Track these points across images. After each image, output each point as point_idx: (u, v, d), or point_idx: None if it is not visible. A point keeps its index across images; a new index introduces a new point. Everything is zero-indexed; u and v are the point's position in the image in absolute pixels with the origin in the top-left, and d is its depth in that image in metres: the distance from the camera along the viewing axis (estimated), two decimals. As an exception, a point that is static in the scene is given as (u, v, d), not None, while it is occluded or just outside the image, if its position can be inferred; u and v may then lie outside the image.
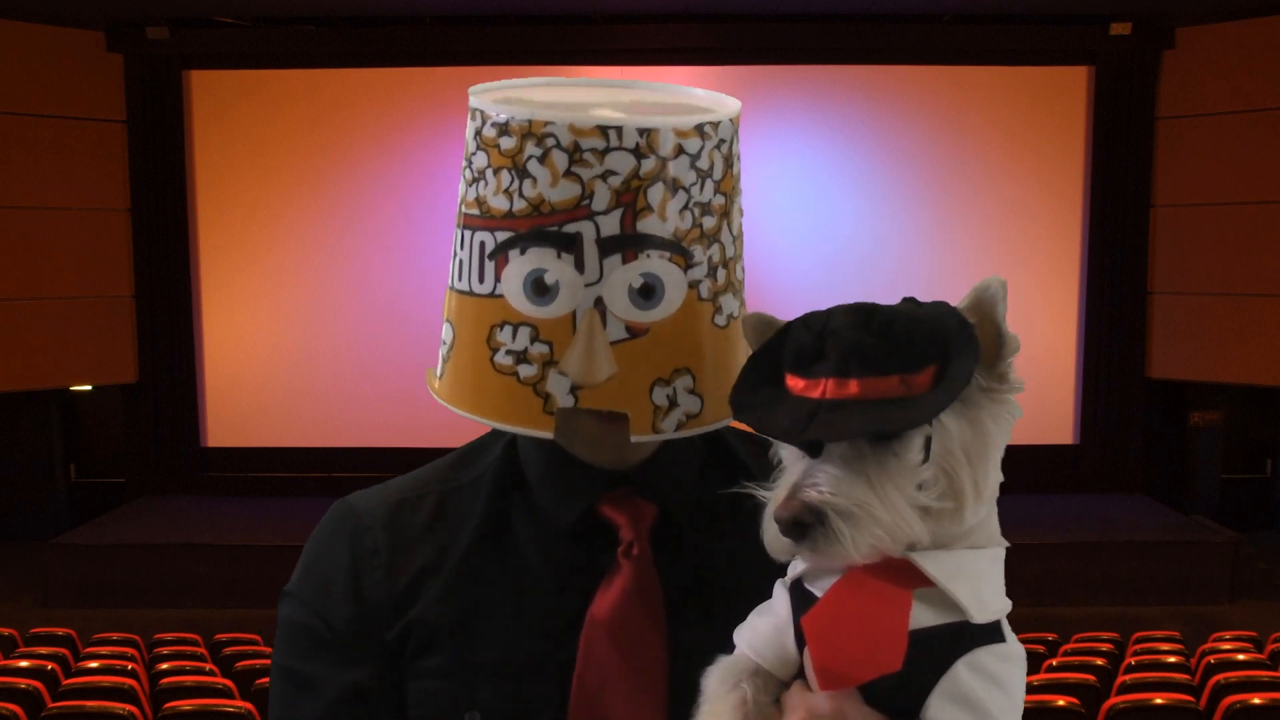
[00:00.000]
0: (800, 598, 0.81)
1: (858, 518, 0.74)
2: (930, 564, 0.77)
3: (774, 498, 0.78)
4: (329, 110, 9.86)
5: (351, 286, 9.94)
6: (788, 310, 0.85)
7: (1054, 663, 5.28)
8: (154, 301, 9.88)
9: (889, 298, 0.81)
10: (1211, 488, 10.29)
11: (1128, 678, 4.86)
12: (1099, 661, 5.29)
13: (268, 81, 9.94)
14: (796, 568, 0.82)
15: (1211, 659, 5.23)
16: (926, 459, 0.76)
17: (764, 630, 0.84)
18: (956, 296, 0.79)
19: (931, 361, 0.75)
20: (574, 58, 9.73)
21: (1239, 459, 10.63)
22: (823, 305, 0.80)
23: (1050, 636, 6.21)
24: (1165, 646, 5.81)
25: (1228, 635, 6.16)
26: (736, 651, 0.85)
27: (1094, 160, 9.80)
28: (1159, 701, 4.40)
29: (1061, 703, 4.29)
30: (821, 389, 0.76)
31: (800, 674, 0.82)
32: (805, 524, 0.75)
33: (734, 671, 0.83)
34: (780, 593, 0.84)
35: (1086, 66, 9.82)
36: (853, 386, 0.75)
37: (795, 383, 0.78)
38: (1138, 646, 5.89)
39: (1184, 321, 9.65)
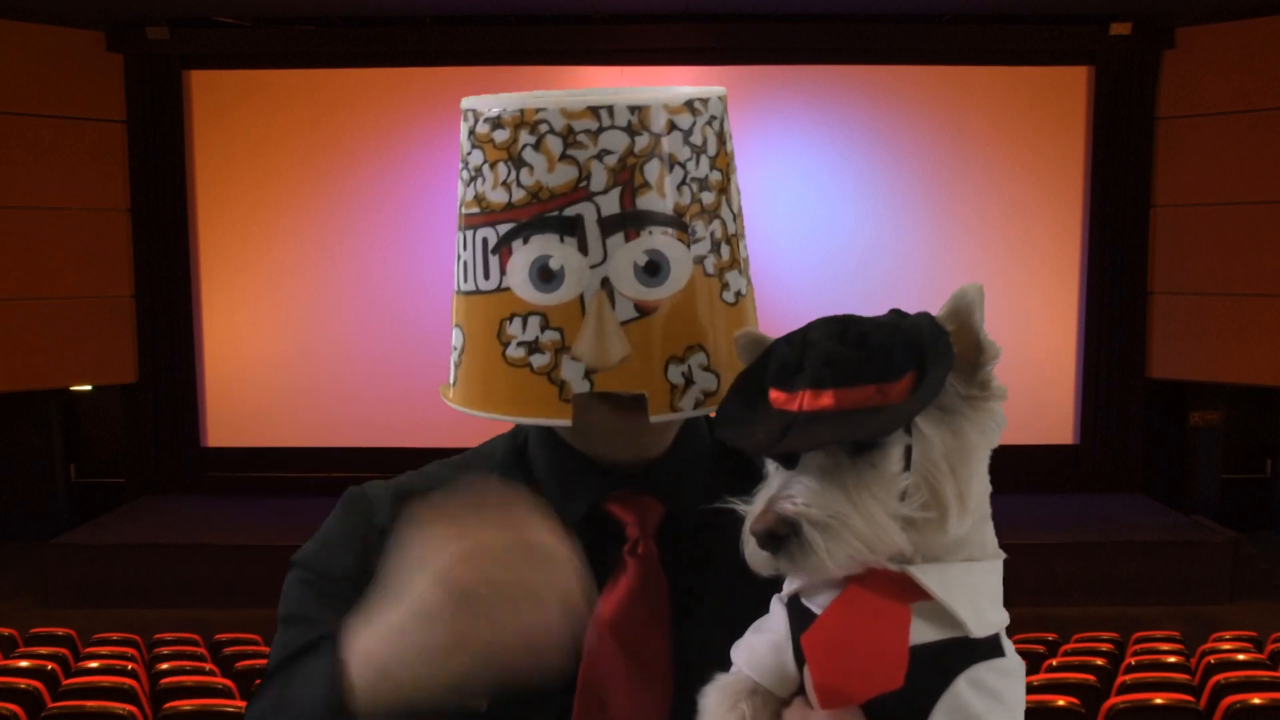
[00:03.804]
0: (798, 614, 0.80)
1: (833, 529, 0.73)
2: (929, 578, 0.75)
3: (751, 511, 0.77)
4: (329, 110, 9.85)
5: (351, 286, 9.93)
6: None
7: (1054, 663, 5.29)
8: (154, 301, 9.88)
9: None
10: (1211, 488, 10.30)
11: (1128, 678, 4.86)
12: (1099, 661, 5.29)
13: (268, 81, 9.94)
14: (793, 583, 0.81)
15: (1211, 659, 5.23)
16: (907, 469, 0.75)
17: (762, 648, 0.82)
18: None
19: (908, 370, 0.74)
20: (574, 58, 9.73)
21: (1239, 459, 10.63)
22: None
23: (1050, 636, 6.21)
24: (1165, 646, 5.81)
25: (1228, 635, 6.17)
26: (734, 669, 0.83)
27: (1094, 160, 9.79)
28: (1159, 701, 4.40)
29: (1061, 703, 4.30)
30: (799, 401, 0.75)
31: (800, 691, 0.80)
32: (780, 536, 0.73)
33: (732, 691, 0.82)
34: (778, 608, 0.83)
35: (1086, 66, 9.82)
36: (828, 397, 0.74)
37: (776, 396, 0.77)
38: (1138, 646, 5.90)
39: (1184, 321, 9.64)
